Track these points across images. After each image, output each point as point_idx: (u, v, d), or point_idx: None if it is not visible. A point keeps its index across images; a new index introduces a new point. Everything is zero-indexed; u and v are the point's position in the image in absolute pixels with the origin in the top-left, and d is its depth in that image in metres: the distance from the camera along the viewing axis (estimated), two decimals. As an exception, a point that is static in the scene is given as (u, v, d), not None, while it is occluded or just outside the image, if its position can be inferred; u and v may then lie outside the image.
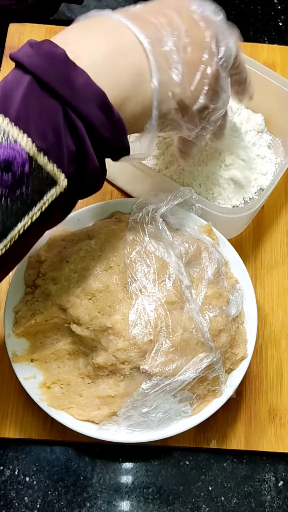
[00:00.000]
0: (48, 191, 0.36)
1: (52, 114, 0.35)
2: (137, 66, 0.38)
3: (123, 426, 0.48)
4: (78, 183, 0.38)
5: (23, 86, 0.35)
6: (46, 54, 0.36)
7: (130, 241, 0.49)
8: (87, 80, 0.36)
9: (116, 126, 0.38)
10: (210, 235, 0.54)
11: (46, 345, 0.51)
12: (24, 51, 0.37)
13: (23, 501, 0.52)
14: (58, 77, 0.35)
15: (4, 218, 0.34)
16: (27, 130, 0.34)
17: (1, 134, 0.34)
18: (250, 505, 0.53)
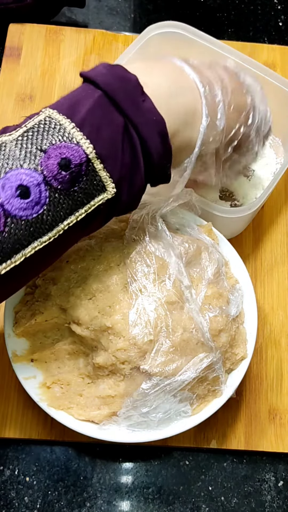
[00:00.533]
0: (97, 195, 0.39)
1: (115, 128, 0.39)
2: (192, 106, 0.43)
3: (123, 426, 0.48)
4: (122, 195, 0.41)
5: (93, 98, 0.39)
6: (118, 76, 0.40)
7: (130, 241, 0.49)
8: (152, 106, 0.40)
9: (166, 153, 0.42)
10: (210, 235, 0.54)
11: (46, 345, 0.51)
12: (98, 70, 0.41)
13: (23, 501, 0.52)
14: (127, 96, 0.39)
15: (54, 211, 0.37)
16: (90, 136, 0.38)
17: (66, 135, 0.37)
18: (250, 505, 0.53)
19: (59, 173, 0.37)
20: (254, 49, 0.74)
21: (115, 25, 0.77)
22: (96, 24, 0.77)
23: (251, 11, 0.80)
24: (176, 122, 0.42)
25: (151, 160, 0.41)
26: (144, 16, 0.78)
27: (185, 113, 0.43)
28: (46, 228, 0.37)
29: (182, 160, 0.46)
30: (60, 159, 0.37)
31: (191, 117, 0.43)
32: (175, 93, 0.43)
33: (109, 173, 0.38)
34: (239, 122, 0.47)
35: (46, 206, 0.37)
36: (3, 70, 0.69)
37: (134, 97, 0.39)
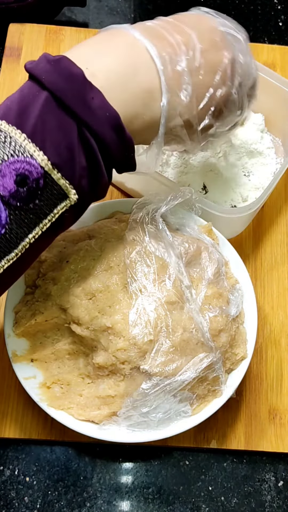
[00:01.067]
0: (59, 204, 0.37)
1: (67, 132, 0.36)
2: (148, 85, 0.40)
3: (123, 426, 0.48)
4: (87, 195, 0.40)
5: (40, 102, 0.36)
6: (64, 73, 0.37)
7: (130, 241, 0.49)
8: (103, 101, 0.37)
9: (126, 145, 0.39)
10: (210, 235, 0.54)
11: (46, 345, 0.51)
12: (42, 67, 0.37)
13: (23, 501, 0.52)
14: (75, 97, 0.36)
15: (16, 228, 0.36)
16: (43, 146, 0.35)
17: (18, 148, 0.35)
18: (250, 505, 0.53)
19: (16, 191, 0.35)
20: (254, 49, 0.73)
21: (115, 25, 0.77)
22: (96, 24, 0.77)
23: (251, 11, 0.80)
24: (133, 107, 0.40)
25: (111, 155, 0.39)
26: (144, 16, 0.78)
27: (142, 95, 0.40)
28: (12, 246, 0.37)
29: (150, 139, 0.43)
30: (16, 176, 0.35)
31: (148, 97, 0.40)
32: (128, 76, 0.39)
33: (68, 180, 0.37)
34: (213, 86, 0.43)
35: (7, 226, 0.36)
36: (3, 70, 0.69)
37: (82, 95, 0.37)
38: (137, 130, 0.41)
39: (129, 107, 0.39)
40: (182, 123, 0.43)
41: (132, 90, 0.39)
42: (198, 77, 0.42)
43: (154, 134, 0.43)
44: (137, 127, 0.41)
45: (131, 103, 0.40)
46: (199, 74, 0.42)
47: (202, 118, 0.44)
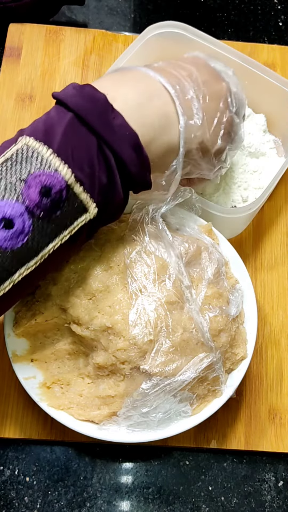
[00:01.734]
0: (79, 217, 0.40)
1: (89, 148, 0.39)
2: (164, 110, 0.44)
3: (123, 426, 0.48)
4: (104, 212, 0.42)
5: (65, 121, 0.40)
6: (88, 96, 0.40)
7: (130, 241, 0.49)
8: (123, 122, 0.40)
9: (143, 164, 0.42)
10: (210, 235, 0.54)
11: (46, 345, 0.51)
12: (67, 92, 0.41)
13: (23, 501, 0.52)
14: (97, 117, 0.39)
15: (38, 237, 0.38)
16: (67, 160, 0.38)
17: (44, 163, 0.38)
18: (250, 505, 0.53)
19: (40, 201, 0.37)
20: (254, 49, 0.74)
21: (115, 25, 0.77)
22: (96, 24, 0.77)
23: (251, 11, 0.80)
24: (151, 129, 0.43)
25: (128, 172, 0.42)
26: (144, 16, 0.78)
27: (159, 118, 0.43)
28: (32, 254, 0.38)
29: (169, 162, 0.46)
30: (41, 187, 0.37)
31: (165, 121, 0.44)
32: (145, 101, 0.43)
33: (89, 194, 0.39)
34: (219, 111, 0.47)
35: (30, 234, 0.38)
36: (3, 70, 0.69)
37: (104, 115, 0.40)
38: (155, 153, 0.44)
39: (147, 130, 0.42)
40: (198, 145, 0.46)
41: (149, 114, 0.43)
42: (205, 103, 0.46)
43: (172, 158, 0.45)
44: (155, 150, 0.43)
45: (149, 126, 0.43)
46: (206, 101, 0.46)
47: (215, 141, 0.47)
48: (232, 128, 0.49)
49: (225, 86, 0.48)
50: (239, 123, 0.50)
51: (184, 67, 0.47)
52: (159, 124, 0.43)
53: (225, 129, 0.48)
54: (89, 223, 0.41)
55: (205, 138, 0.46)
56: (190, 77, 0.46)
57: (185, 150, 0.45)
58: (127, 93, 0.43)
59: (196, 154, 0.47)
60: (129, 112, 0.41)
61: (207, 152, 0.47)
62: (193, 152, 0.46)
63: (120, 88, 0.43)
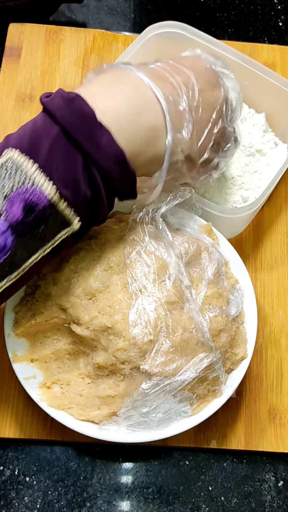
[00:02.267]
0: (62, 230, 0.40)
1: (74, 165, 0.39)
2: (153, 124, 0.43)
3: (123, 426, 0.48)
4: (88, 222, 0.42)
5: (52, 136, 0.39)
6: (76, 111, 0.39)
7: (130, 241, 0.49)
8: (110, 140, 0.40)
9: (129, 178, 0.42)
10: (210, 235, 0.54)
11: (46, 345, 0.51)
12: (56, 103, 0.40)
13: (23, 501, 0.52)
14: (85, 134, 0.39)
15: (21, 251, 0.38)
16: (52, 177, 0.38)
17: (29, 180, 0.37)
18: (250, 505, 0.53)
19: (23, 219, 0.37)
20: (254, 49, 0.74)
21: (115, 25, 0.77)
22: (96, 24, 0.77)
23: (251, 11, 0.80)
24: (139, 144, 0.42)
25: (114, 187, 0.42)
26: (144, 16, 0.78)
27: (148, 133, 0.43)
28: (14, 267, 0.39)
29: (152, 171, 0.46)
30: (24, 205, 0.37)
31: (154, 135, 0.43)
32: (135, 115, 0.42)
33: (73, 209, 0.39)
34: (211, 122, 0.47)
35: (12, 250, 0.38)
36: (3, 70, 0.69)
37: (92, 133, 0.39)
38: (141, 164, 0.43)
39: (134, 143, 0.42)
40: (183, 158, 0.46)
41: (138, 128, 0.42)
42: (197, 114, 0.45)
43: (157, 167, 0.45)
44: (141, 162, 0.43)
45: (137, 140, 0.42)
46: (198, 112, 0.45)
47: (202, 153, 0.47)
48: (223, 138, 0.49)
49: (221, 95, 0.48)
50: (232, 131, 0.50)
51: (182, 72, 0.46)
52: (147, 138, 0.43)
53: (215, 140, 0.47)
54: (72, 235, 0.41)
55: (192, 151, 0.46)
56: (186, 85, 0.45)
57: (169, 163, 0.45)
58: (118, 106, 0.42)
59: (181, 166, 0.46)
60: (118, 127, 0.41)
61: (193, 163, 0.47)
62: (178, 164, 0.46)
63: (111, 99, 0.42)
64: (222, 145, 0.49)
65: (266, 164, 0.64)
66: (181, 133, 0.44)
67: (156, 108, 0.43)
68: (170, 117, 0.43)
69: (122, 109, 0.42)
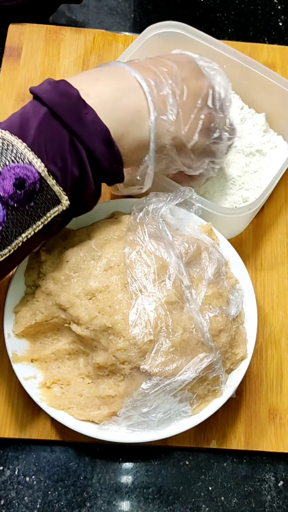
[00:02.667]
0: (52, 208, 0.41)
1: (61, 143, 0.40)
2: (137, 105, 0.44)
3: (123, 426, 0.48)
4: (76, 203, 0.43)
5: (40, 116, 0.41)
6: (62, 92, 0.41)
7: (130, 241, 0.49)
8: (95, 117, 0.41)
9: (115, 158, 0.43)
10: (210, 235, 0.54)
11: (46, 345, 0.51)
12: (43, 87, 0.42)
13: (23, 501, 0.52)
14: (70, 112, 0.41)
15: (12, 227, 0.40)
16: (41, 154, 0.39)
17: (19, 155, 0.39)
18: (250, 505, 0.53)
19: (14, 193, 0.38)
20: (254, 49, 0.74)
21: (115, 25, 0.77)
22: (96, 24, 0.77)
23: (251, 11, 0.80)
24: (123, 124, 0.44)
25: (101, 167, 0.43)
26: (144, 16, 0.78)
27: (131, 114, 0.44)
28: (6, 242, 0.40)
29: (142, 157, 0.47)
30: (15, 179, 0.38)
31: (137, 117, 0.44)
32: (118, 97, 0.44)
33: (62, 187, 0.41)
34: (197, 107, 0.48)
35: (4, 224, 0.39)
36: (3, 70, 0.69)
37: (76, 111, 0.41)
38: (127, 148, 0.45)
39: (119, 124, 0.43)
40: (172, 141, 0.47)
41: (121, 109, 0.44)
42: (182, 99, 0.47)
43: (144, 153, 0.46)
44: (127, 145, 0.44)
45: (120, 121, 0.44)
46: (183, 97, 0.47)
47: (191, 137, 0.48)
48: (211, 123, 0.49)
49: (206, 83, 0.49)
50: (223, 117, 0.51)
51: (165, 64, 0.48)
52: (131, 120, 0.44)
53: (203, 124, 0.48)
54: (62, 213, 0.42)
55: (180, 134, 0.47)
56: (169, 74, 0.47)
57: (156, 146, 0.46)
58: (101, 88, 0.44)
59: (170, 150, 0.47)
60: (101, 107, 0.42)
61: (183, 147, 0.48)
62: (167, 148, 0.47)
63: (95, 83, 0.44)
64: (212, 130, 0.50)
65: (266, 164, 0.64)
66: (166, 115, 0.46)
67: (139, 91, 0.45)
68: (152, 99, 0.45)
69: (106, 91, 0.44)
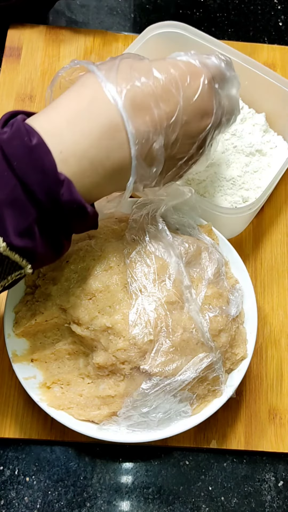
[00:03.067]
0: (14, 272, 0.38)
1: (30, 219, 0.36)
2: (119, 166, 0.39)
3: (123, 426, 0.48)
4: (48, 260, 0.41)
5: (9, 188, 0.35)
6: (36, 164, 0.36)
7: (130, 241, 0.49)
8: (71, 195, 0.37)
9: (91, 220, 0.41)
10: (210, 235, 0.54)
11: (46, 345, 0.51)
12: (15, 150, 0.36)
13: (23, 501, 0.52)
14: (44, 191, 0.36)
15: None
16: (6, 228, 0.35)
17: None
18: (250, 505, 0.53)
19: None
20: (254, 49, 0.74)
21: (115, 25, 0.77)
22: (96, 24, 0.77)
23: (251, 11, 0.80)
24: (102, 187, 0.40)
25: (74, 231, 0.41)
26: (144, 16, 0.78)
27: (112, 176, 0.40)
28: None
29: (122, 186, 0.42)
30: None
31: (117, 176, 0.40)
32: (101, 161, 0.38)
33: (26, 258, 0.37)
34: (188, 155, 0.43)
35: None
36: (3, 70, 0.69)
37: (52, 193, 0.36)
38: (103, 196, 0.43)
39: (96, 186, 0.40)
40: (149, 186, 0.43)
41: (101, 173, 0.39)
42: (173, 150, 0.41)
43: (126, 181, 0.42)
44: (102, 195, 0.42)
45: (99, 184, 0.40)
46: (175, 147, 0.41)
47: (166, 182, 0.45)
48: (195, 163, 0.45)
49: (209, 122, 0.43)
50: (206, 156, 0.46)
51: (170, 99, 0.40)
52: (110, 179, 0.40)
53: (187, 169, 0.45)
54: (24, 276, 0.40)
55: (156, 183, 0.44)
56: (169, 118, 0.40)
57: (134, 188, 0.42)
58: (83, 150, 0.38)
59: None
60: (80, 174, 0.38)
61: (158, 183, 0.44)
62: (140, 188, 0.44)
63: (76, 143, 0.37)
64: (191, 168, 0.46)
65: (266, 164, 0.64)
66: (147, 171, 0.41)
67: (126, 149, 0.39)
68: (137, 162, 0.40)
69: (88, 154, 0.38)
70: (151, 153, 0.40)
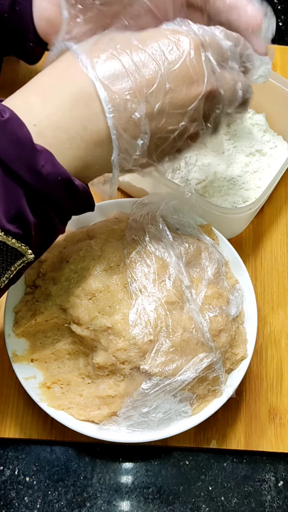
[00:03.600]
0: (16, 262, 0.38)
1: (17, 199, 0.35)
2: (98, 138, 0.38)
3: (123, 426, 0.48)
4: (43, 247, 0.40)
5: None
6: (11, 138, 0.34)
7: (130, 241, 0.49)
8: (53, 167, 0.36)
9: (80, 200, 0.39)
10: (210, 235, 0.54)
11: (46, 345, 0.51)
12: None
13: (23, 501, 0.52)
14: (23, 164, 0.35)
15: None
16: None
17: None
18: (250, 505, 0.53)
19: None
20: (254, 49, 0.74)
21: (115, 25, 0.77)
22: (96, 24, 0.77)
23: (251, 11, 0.80)
24: (84, 160, 0.38)
25: (66, 211, 0.39)
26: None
27: (92, 149, 0.38)
28: None
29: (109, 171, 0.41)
30: None
31: (100, 151, 0.38)
32: (77, 132, 0.37)
33: (23, 242, 0.37)
34: (179, 128, 0.40)
35: None
36: (3, 70, 0.69)
37: (30, 163, 0.35)
38: (93, 175, 0.40)
39: (80, 161, 0.38)
40: (139, 168, 0.41)
41: (81, 146, 0.37)
42: (160, 121, 0.39)
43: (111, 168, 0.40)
44: (91, 174, 0.40)
45: (82, 157, 0.38)
46: (162, 118, 0.39)
47: (162, 159, 0.42)
48: (195, 140, 0.42)
49: (200, 90, 0.39)
50: (209, 131, 0.42)
51: (150, 66, 0.38)
52: (92, 155, 0.38)
53: (182, 145, 0.41)
54: (28, 263, 0.39)
55: (150, 158, 0.41)
56: (150, 85, 0.38)
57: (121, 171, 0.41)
58: (58, 122, 0.36)
59: (136, 170, 0.41)
60: (59, 146, 0.36)
61: (152, 165, 0.42)
62: (133, 170, 0.41)
63: (50, 115, 0.36)
64: (192, 146, 0.43)
65: (266, 164, 0.64)
66: (133, 146, 0.39)
67: (102, 119, 0.37)
68: (117, 133, 0.38)
69: (63, 124, 0.36)
70: (133, 123, 0.38)
